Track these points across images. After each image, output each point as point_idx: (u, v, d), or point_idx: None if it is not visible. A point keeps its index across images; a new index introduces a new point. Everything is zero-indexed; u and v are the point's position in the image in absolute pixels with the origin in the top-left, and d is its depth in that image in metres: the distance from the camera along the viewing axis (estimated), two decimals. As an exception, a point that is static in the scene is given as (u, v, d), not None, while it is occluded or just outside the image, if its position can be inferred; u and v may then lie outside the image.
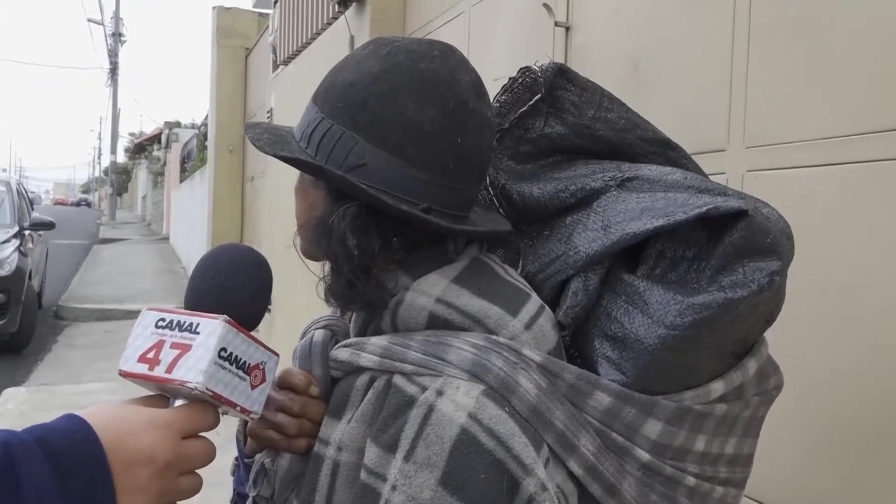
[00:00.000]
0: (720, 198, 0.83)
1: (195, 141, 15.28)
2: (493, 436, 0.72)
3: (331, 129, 0.82)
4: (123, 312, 9.99)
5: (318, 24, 4.62)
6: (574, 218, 0.89)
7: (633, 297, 0.83)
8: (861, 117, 1.48)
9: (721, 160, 1.81)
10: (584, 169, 0.93)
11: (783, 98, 1.66)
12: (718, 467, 0.86)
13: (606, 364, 0.82)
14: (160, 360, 0.74)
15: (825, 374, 1.54)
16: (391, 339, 0.82)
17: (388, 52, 0.83)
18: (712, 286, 0.80)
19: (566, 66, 0.96)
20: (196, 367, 0.73)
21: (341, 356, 0.85)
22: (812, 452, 1.56)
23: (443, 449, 0.72)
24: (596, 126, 0.95)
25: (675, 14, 2.01)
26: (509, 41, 2.81)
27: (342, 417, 0.82)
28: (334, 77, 0.86)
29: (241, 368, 0.76)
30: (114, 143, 36.83)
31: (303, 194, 0.89)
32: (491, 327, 0.80)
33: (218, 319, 0.75)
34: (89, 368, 7.08)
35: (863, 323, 1.46)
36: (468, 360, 0.76)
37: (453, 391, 0.74)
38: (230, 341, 0.75)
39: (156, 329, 0.76)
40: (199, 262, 0.83)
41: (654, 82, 2.06)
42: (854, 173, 1.49)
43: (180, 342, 0.75)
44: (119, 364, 0.76)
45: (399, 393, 0.77)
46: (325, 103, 0.84)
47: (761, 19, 1.73)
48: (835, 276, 1.52)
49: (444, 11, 3.44)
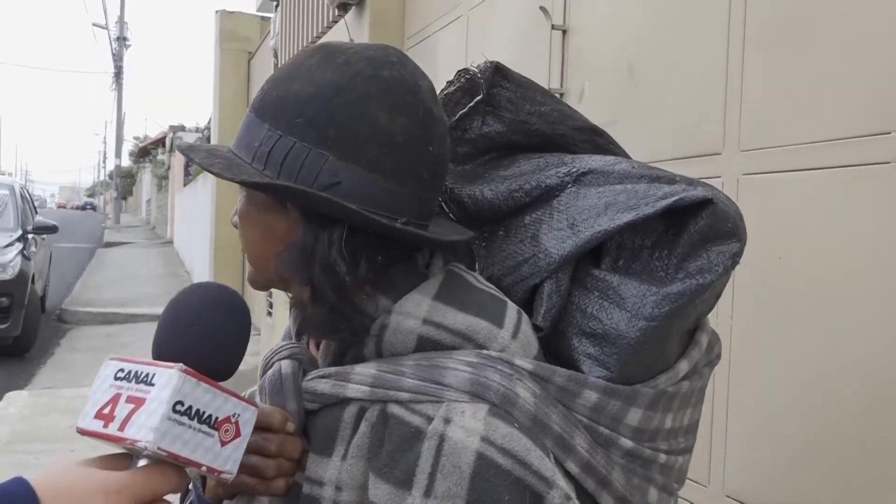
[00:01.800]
0: (677, 186, 0.84)
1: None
2: (509, 455, 0.71)
3: (294, 148, 0.76)
4: (126, 316, 10.00)
5: (319, 27, 4.63)
6: (534, 217, 0.87)
7: (606, 291, 0.82)
8: (855, 121, 1.47)
9: (716, 164, 1.81)
10: (528, 165, 0.91)
11: (778, 102, 1.65)
12: (679, 439, 0.87)
13: (589, 361, 0.81)
14: (114, 415, 0.68)
15: (819, 377, 1.53)
16: (379, 366, 0.77)
17: (345, 61, 0.79)
18: (679, 273, 0.82)
19: (500, 63, 0.96)
20: (147, 424, 0.66)
21: (320, 388, 0.79)
22: (807, 455, 1.55)
23: (462, 478, 0.69)
24: (532, 121, 0.94)
25: (671, 18, 2.01)
26: (507, 44, 2.81)
27: (332, 454, 0.77)
28: (283, 89, 0.79)
29: (206, 423, 0.68)
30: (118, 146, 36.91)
31: (258, 221, 0.82)
32: (481, 342, 0.78)
33: (173, 368, 0.68)
34: (92, 372, 7.05)
35: (856, 326, 1.45)
36: (466, 381, 0.74)
37: (459, 416, 0.72)
38: (188, 393, 0.67)
39: (114, 381, 0.70)
40: (168, 304, 0.77)
41: (650, 86, 2.06)
42: (848, 177, 1.49)
43: (135, 395, 0.68)
44: (77, 420, 0.70)
45: (401, 424, 0.73)
46: (280, 119, 0.78)
47: (756, 23, 1.72)
48: (829, 279, 1.52)
49: (442, 15, 3.44)
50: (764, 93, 1.69)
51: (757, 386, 1.68)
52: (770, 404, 1.64)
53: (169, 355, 0.71)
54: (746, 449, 1.71)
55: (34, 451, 4.75)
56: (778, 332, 1.63)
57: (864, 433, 1.44)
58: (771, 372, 1.64)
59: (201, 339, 0.72)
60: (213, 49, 11.12)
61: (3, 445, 4.88)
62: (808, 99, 1.58)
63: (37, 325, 8.18)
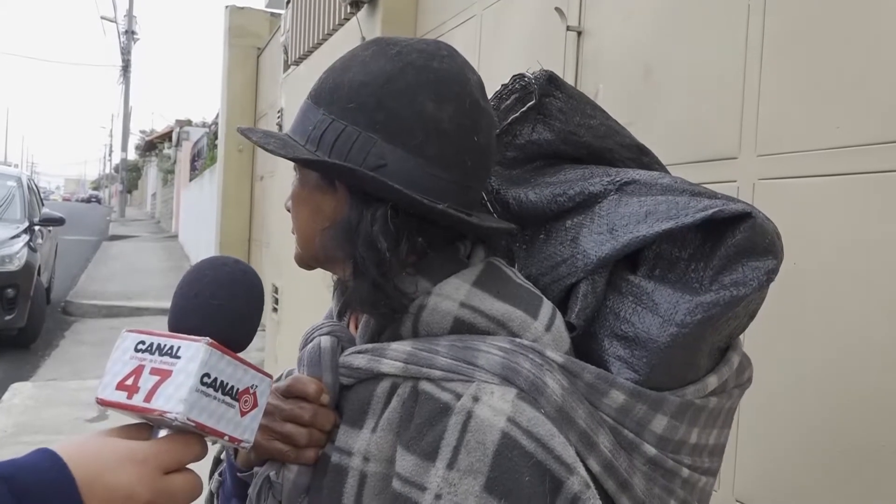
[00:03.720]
0: (718, 201, 0.86)
1: (206, 139, 15.33)
2: (532, 438, 0.73)
3: (345, 131, 0.81)
4: (131, 309, 10.02)
5: (330, 24, 4.63)
6: (575, 221, 0.91)
7: (640, 297, 0.84)
8: (874, 127, 1.47)
9: (732, 168, 1.80)
10: (573, 174, 0.94)
11: (796, 107, 1.65)
12: (703, 458, 0.89)
13: (618, 363, 0.83)
14: (139, 387, 0.69)
15: (831, 382, 1.53)
16: (415, 344, 0.80)
17: (398, 52, 0.83)
18: (714, 285, 0.84)
19: (555, 73, 0.99)
20: (176, 396, 0.68)
21: (356, 363, 0.83)
22: (818, 459, 1.55)
23: (485, 455, 0.72)
24: (580, 132, 0.97)
25: (688, 20, 2.00)
26: (521, 45, 2.81)
27: (363, 426, 0.80)
28: (338, 78, 0.85)
29: (228, 394, 0.71)
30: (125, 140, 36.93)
31: (308, 201, 0.87)
32: (514, 330, 0.81)
33: (200, 342, 0.70)
34: (96, 364, 7.09)
35: (870, 332, 1.45)
36: (498, 364, 0.76)
37: (488, 396, 0.74)
38: (214, 365, 0.70)
39: (135, 353, 0.71)
40: (182, 277, 0.79)
41: (666, 89, 2.06)
42: (866, 183, 1.48)
43: (160, 367, 0.69)
44: (97, 391, 0.71)
45: (431, 400, 0.76)
46: (333, 105, 0.83)
47: (775, 27, 1.72)
48: (843, 285, 1.51)
49: (455, 14, 3.44)
50: (782, 97, 1.69)
51: (768, 390, 1.68)
52: (781, 408, 1.64)
53: (188, 328, 0.72)
54: (757, 452, 1.71)
55: (39, 442, 4.73)
56: (791, 336, 1.62)
57: (876, 437, 1.43)
58: (783, 376, 1.64)
59: (220, 312, 0.75)
60: (222, 45, 11.13)
61: (8, 437, 4.89)
62: (826, 104, 1.57)
63: (42, 316, 8.20)
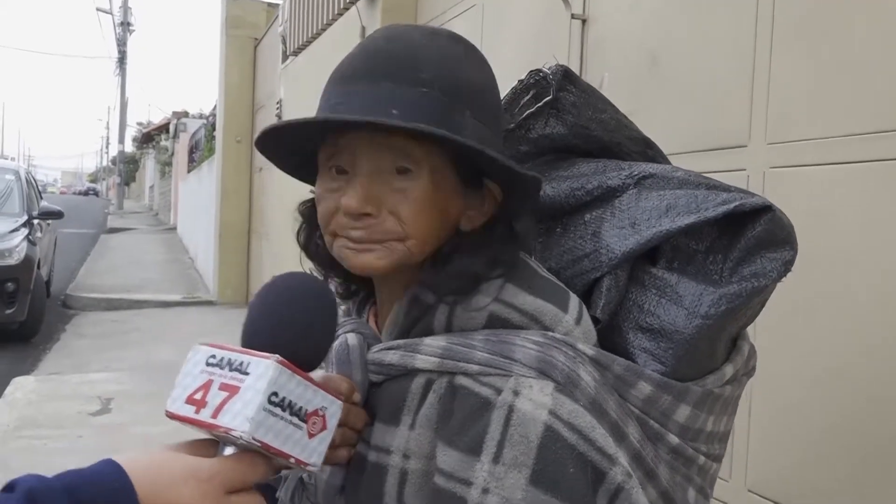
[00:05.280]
0: (735, 194, 0.87)
1: (203, 131, 15.28)
2: (574, 430, 0.73)
3: (482, 131, 0.81)
4: (131, 302, 10.00)
5: (329, 14, 4.60)
6: (594, 215, 0.91)
7: (664, 289, 0.85)
8: (885, 115, 1.45)
9: (742, 156, 1.79)
10: (586, 167, 0.95)
11: (806, 95, 1.63)
12: (715, 445, 0.90)
13: (644, 355, 0.84)
14: (207, 402, 0.68)
15: (842, 372, 1.52)
16: (450, 339, 0.80)
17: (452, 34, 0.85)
18: (734, 276, 0.85)
19: (569, 68, 0.99)
20: (243, 413, 0.66)
21: (388, 359, 0.82)
22: (829, 449, 1.54)
23: (529, 448, 0.72)
24: (592, 126, 0.97)
25: (695, 7, 1.98)
26: (524, 33, 2.78)
27: (400, 423, 0.80)
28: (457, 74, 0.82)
29: (297, 415, 0.69)
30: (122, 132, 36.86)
31: (440, 202, 0.81)
32: (547, 324, 0.81)
33: (270, 359, 0.68)
34: (97, 358, 7.09)
35: (882, 322, 1.44)
36: (534, 358, 0.76)
37: (528, 390, 0.74)
38: (283, 384, 0.68)
39: (206, 367, 0.70)
40: (257, 292, 0.77)
41: (673, 77, 2.04)
42: (877, 171, 1.47)
43: (229, 383, 0.68)
44: (166, 403, 0.70)
45: (471, 395, 0.76)
46: (474, 106, 0.82)
47: (785, 14, 1.70)
48: (855, 275, 1.50)
49: (457, 3, 3.41)
50: (792, 84, 1.67)
51: (780, 380, 1.67)
52: (793, 399, 1.63)
53: (261, 345, 0.71)
54: (769, 443, 1.70)
55: (41, 436, 4.75)
56: (802, 326, 1.61)
57: (887, 428, 1.43)
58: (795, 368, 1.63)
59: (293, 330, 0.73)
60: (219, 35, 11.08)
61: (11, 431, 4.88)
62: (837, 92, 1.56)
63: (42, 310, 8.18)
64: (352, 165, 0.81)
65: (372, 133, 0.78)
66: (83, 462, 0.69)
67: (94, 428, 4.97)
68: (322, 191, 0.83)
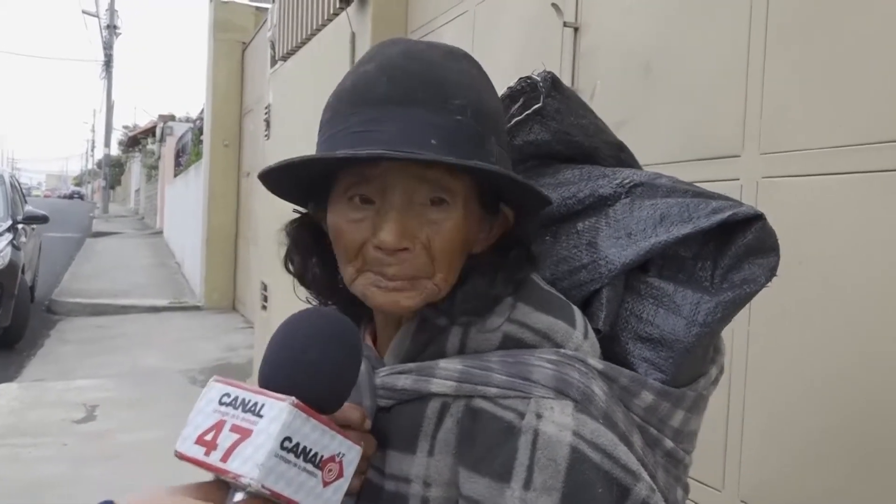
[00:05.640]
0: (723, 202, 0.88)
1: (190, 135, 15.23)
2: (598, 449, 0.73)
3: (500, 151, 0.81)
4: (116, 307, 9.93)
5: (319, 20, 4.58)
6: (587, 224, 0.91)
7: (661, 298, 0.86)
8: (880, 126, 1.45)
9: (735, 166, 1.78)
10: (571, 174, 0.95)
11: (800, 104, 1.63)
12: (693, 442, 0.92)
13: (645, 364, 0.85)
14: (217, 444, 0.64)
15: (835, 382, 1.52)
16: (466, 361, 0.79)
17: (466, 54, 0.84)
18: (725, 283, 0.86)
19: (555, 74, 0.99)
20: (253, 459, 0.63)
21: (401, 384, 0.80)
22: (822, 460, 1.54)
23: (558, 471, 0.71)
24: (573, 132, 0.97)
25: (689, 15, 1.98)
26: (515, 41, 2.78)
27: (416, 450, 0.78)
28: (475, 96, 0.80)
29: (311, 461, 0.65)
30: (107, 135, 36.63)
31: (466, 229, 0.80)
32: (559, 341, 0.81)
33: (284, 402, 0.64)
34: (82, 364, 7.03)
35: (875, 332, 1.44)
36: (551, 378, 0.76)
37: (549, 412, 0.74)
38: (297, 429, 0.64)
39: (219, 406, 0.67)
40: (277, 329, 0.74)
41: (666, 85, 2.03)
42: (872, 182, 1.47)
43: (241, 425, 0.65)
44: (176, 442, 0.67)
45: (493, 419, 0.75)
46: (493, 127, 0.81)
47: (779, 22, 1.70)
48: (848, 284, 1.50)
49: (447, 10, 3.40)
50: (786, 94, 1.67)
51: (773, 390, 1.67)
52: (786, 409, 1.63)
53: (277, 385, 0.67)
54: (761, 453, 1.70)
55: (25, 444, 4.70)
56: (795, 336, 1.61)
57: (880, 438, 1.43)
58: (787, 376, 1.63)
59: (311, 370, 0.69)
60: (207, 39, 11.05)
61: (-6, 438, 4.82)
62: (832, 102, 1.56)
63: (27, 316, 8.12)
64: (381, 196, 0.77)
65: (406, 164, 0.75)
66: (68, 470, 0.66)
67: (79, 436, 4.92)
68: (342, 221, 0.79)
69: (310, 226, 0.87)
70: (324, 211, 0.83)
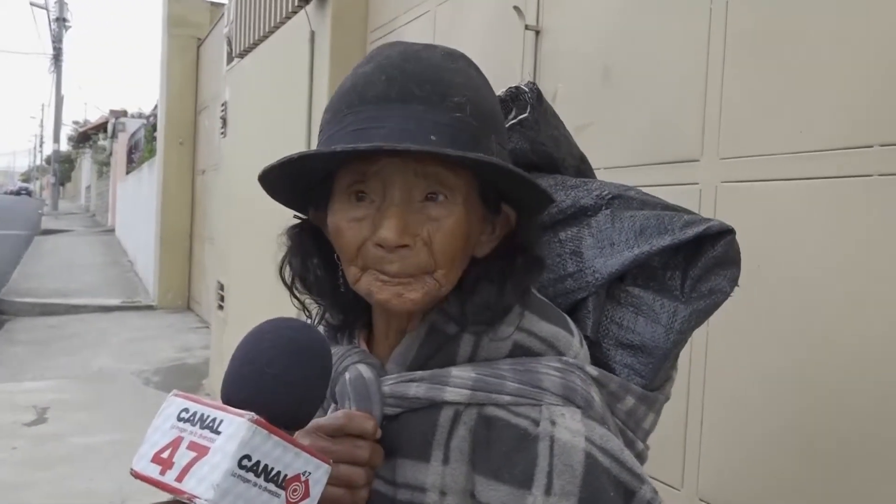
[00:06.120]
0: (694, 216, 0.93)
1: (143, 131, 14.97)
2: (607, 454, 0.76)
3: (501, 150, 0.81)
4: (67, 307, 9.73)
5: (277, 17, 4.54)
6: (570, 234, 0.94)
7: (640, 307, 0.90)
8: (837, 133, 1.49)
9: (694, 170, 1.81)
10: (545, 183, 0.96)
11: (759, 110, 1.67)
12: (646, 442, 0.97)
13: (626, 370, 0.88)
14: (174, 462, 0.61)
15: (793, 383, 1.55)
16: (477, 369, 0.79)
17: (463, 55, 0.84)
18: (694, 293, 0.90)
19: (537, 85, 1.01)
20: (209, 478, 0.59)
21: (412, 392, 0.79)
22: (780, 459, 1.58)
23: (574, 476, 0.73)
24: (547, 142, 1.00)
25: (648, 21, 2.01)
26: (476, 44, 2.78)
27: (430, 458, 0.77)
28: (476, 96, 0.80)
29: (273, 481, 0.62)
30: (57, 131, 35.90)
31: (469, 228, 0.79)
32: (561, 349, 0.83)
33: (243, 418, 0.61)
34: (32, 365, 6.88)
35: (831, 334, 1.47)
36: (559, 385, 0.78)
37: (561, 418, 0.76)
38: (257, 446, 0.61)
39: (177, 422, 0.64)
40: (241, 340, 0.71)
41: (626, 90, 2.06)
42: (829, 188, 1.50)
43: (198, 442, 0.62)
44: (133, 460, 0.64)
45: (508, 426, 0.76)
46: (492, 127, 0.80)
47: (738, 28, 1.73)
48: (805, 288, 1.53)
49: (408, 10, 3.40)
50: (744, 99, 1.70)
51: (731, 391, 1.70)
52: (744, 409, 1.66)
53: (239, 400, 0.65)
54: (721, 453, 1.73)
55: (-26, 448, 4.58)
56: (754, 339, 1.64)
57: (837, 437, 1.46)
58: (746, 378, 1.66)
59: (275, 384, 0.66)
60: (161, 34, 10.87)
61: (-59, 443, 4.69)
62: (789, 108, 1.59)
63: (-27, 316, 7.91)
64: (381, 193, 0.77)
65: (405, 159, 0.75)
66: (17, 474, 0.63)
67: (30, 438, 4.81)
68: (343, 220, 0.78)
69: (310, 230, 0.86)
70: (324, 214, 0.82)
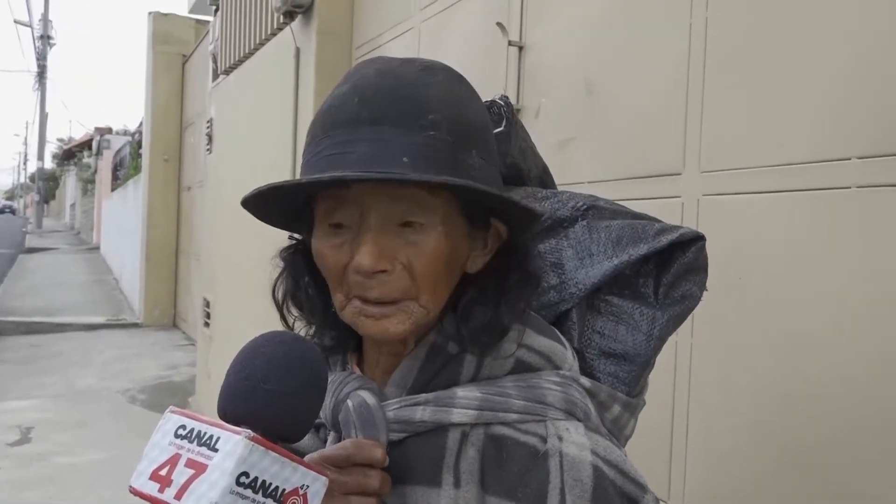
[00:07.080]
0: (665, 224, 0.94)
1: (128, 148, 14.93)
2: (611, 465, 0.76)
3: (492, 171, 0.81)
4: (52, 325, 9.66)
5: (262, 34, 4.55)
6: (550, 246, 0.94)
7: (621, 315, 0.91)
8: (817, 146, 1.51)
9: (676, 184, 1.83)
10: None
11: (740, 123, 1.68)
12: None
13: (611, 379, 0.89)
14: (172, 479, 0.62)
15: (777, 393, 1.56)
16: (482, 388, 0.79)
17: (446, 67, 0.82)
18: (667, 299, 0.91)
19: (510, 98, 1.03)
20: (207, 496, 0.60)
21: (417, 416, 0.78)
22: (767, 468, 1.58)
23: (584, 490, 0.74)
24: (515, 155, 1.00)
25: (630, 36, 2.03)
26: (461, 59, 2.80)
27: (441, 483, 0.77)
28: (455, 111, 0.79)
29: (271, 496, 0.63)
30: (41, 148, 35.74)
31: (453, 250, 0.78)
32: (557, 363, 0.84)
33: (240, 435, 0.62)
34: (16, 384, 6.81)
35: (813, 346, 1.49)
36: (561, 400, 0.79)
37: (566, 433, 0.77)
38: (254, 463, 0.62)
39: (174, 439, 0.64)
40: (236, 355, 0.71)
41: (608, 103, 2.08)
42: (809, 201, 1.52)
43: (196, 459, 0.63)
44: (132, 477, 0.64)
45: (517, 445, 0.76)
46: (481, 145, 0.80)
47: (718, 44, 1.75)
48: (787, 300, 1.55)
49: (392, 26, 3.42)
50: (726, 113, 1.72)
51: (717, 402, 1.71)
52: (729, 419, 1.67)
53: (236, 416, 0.66)
54: (705, 459, 1.73)
55: (-43, 469, 4.53)
56: (737, 350, 1.66)
57: (823, 445, 1.47)
58: (730, 388, 1.67)
59: (271, 398, 0.67)
60: (146, 51, 10.87)
61: (-77, 464, 4.63)
62: (769, 122, 1.61)
63: (-43, 335, 7.83)
64: (357, 218, 0.76)
65: (380, 184, 0.73)
66: (3, 494, 0.63)
67: (14, 459, 4.76)
68: (325, 246, 0.78)
69: (304, 252, 0.85)
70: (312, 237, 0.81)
